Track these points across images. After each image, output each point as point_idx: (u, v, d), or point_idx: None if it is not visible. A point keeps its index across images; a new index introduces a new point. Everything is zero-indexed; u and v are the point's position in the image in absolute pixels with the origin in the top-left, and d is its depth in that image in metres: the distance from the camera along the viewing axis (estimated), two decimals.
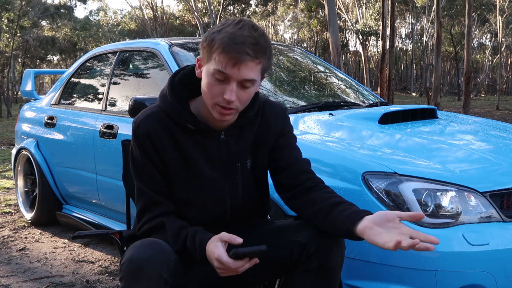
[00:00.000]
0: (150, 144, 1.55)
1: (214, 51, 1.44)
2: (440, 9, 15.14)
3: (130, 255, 1.40)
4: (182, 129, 1.56)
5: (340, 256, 1.55)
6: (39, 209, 3.95)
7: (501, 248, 1.80)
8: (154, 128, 1.55)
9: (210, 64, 1.45)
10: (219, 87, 1.45)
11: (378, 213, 1.43)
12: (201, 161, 1.57)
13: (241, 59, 1.41)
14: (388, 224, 1.39)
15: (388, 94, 12.06)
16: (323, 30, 34.05)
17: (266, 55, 1.47)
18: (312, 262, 1.53)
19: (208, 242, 1.45)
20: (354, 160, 2.01)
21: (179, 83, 1.60)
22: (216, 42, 1.43)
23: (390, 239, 1.32)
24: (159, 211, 1.57)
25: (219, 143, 1.59)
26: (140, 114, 1.59)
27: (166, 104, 1.56)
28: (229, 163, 1.61)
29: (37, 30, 31.22)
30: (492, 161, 2.13)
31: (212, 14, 23.42)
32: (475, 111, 17.98)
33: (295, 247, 1.55)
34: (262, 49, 1.45)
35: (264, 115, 1.66)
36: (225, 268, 1.41)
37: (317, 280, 1.53)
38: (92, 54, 3.93)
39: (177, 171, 1.58)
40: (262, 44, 1.45)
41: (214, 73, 1.45)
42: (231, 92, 1.44)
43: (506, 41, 32.57)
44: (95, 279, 2.95)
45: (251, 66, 1.44)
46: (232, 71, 1.42)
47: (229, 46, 1.41)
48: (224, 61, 1.42)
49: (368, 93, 3.53)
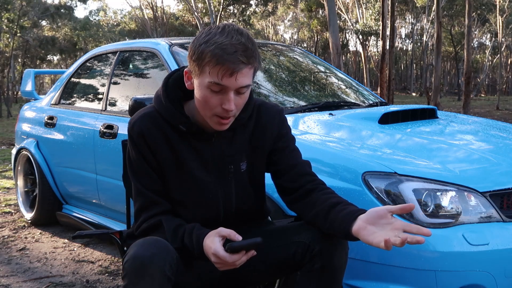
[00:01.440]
0: (145, 144, 1.56)
1: (206, 64, 1.42)
2: (440, 9, 15.14)
3: (133, 253, 1.40)
4: (175, 131, 1.57)
5: (343, 256, 1.55)
6: (39, 209, 3.95)
7: (501, 248, 1.80)
8: (148, 128, 1.56)
9: (204, 77, 1.44)
10: (216, 97, 1.45)
11: (370, 210, 1.42)
12: (194, 163, 1.58)
13: (237, 68, 1.41)
14: (381, 221, 1.38)
15: (388, 94, 12.06)
16: (323, 30, 34.05)
17: (256, 58, 1.47)
18: (316, 263, 1.53)
19: (205, 237, 1.46)
20: (354, 160, 2.01)
21: (174, 84, 1.60)
22: (207, 54, 1.41)
23: (384, 238, 1.32)
24: (156, 210, 1.58)
25: (212, 146, 1.59)
26: (135, 115, 1.61)
27: (160, 105, 1.57)
28: (221, 166, 1.61)
29: (37, 30, 31.21)
30: (492, 161, 2.13)
31: (212, 14, 23.42)
32: (475, 111, 17.98)
33: (299, 248, 1.55)
34: (252, 53, 1.44)
35: (260, 118, 1.66)
36: (223, 262, 1.42)
37: (320, 280, 1.53)
38: (92, 54, 3.93)
39: (171, 172, 1.59)
40: (251, 47, 1.44)
41: (209, 86, 1.44)
42: (230, 101, 1.44)
43: (506, 41, 32.57)
44: (95, 279, 2.95)
45: (245, 72, 1.44)
46: (229, 81, 1.42)
47: (223, 58, 1.40)
48: (220, 73, 1.41)
49: (368, 93, 3.53)
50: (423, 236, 1.31)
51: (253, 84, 1.62)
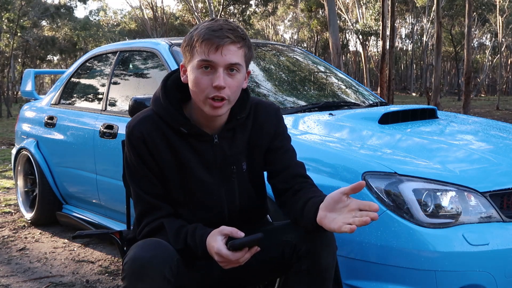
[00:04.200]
0: (145, 148, 1.55)
1: (195, 45, 1.48)
2: (440, 9, 15.14)
3: (133, 255, 1.40)
4: (176, 132, 1.56)
5: (331, 256, 1.55)
6: (39, 209, 3.95)
7: (501, 248, 1.80)
8: (148, 131, 1.55)
9: (194, 59, 1.48)
10: (207, 78, 1.47)
11: (327, 197, 1.42)
12: (196, 164, 1.57)
13: (222, 42, 1.45)
14: (338, 206, 1.38)
15: (388, 94, 12.06)
16: (323, 30, 34.02)
17: (246, 42, 1.51)
18: (303, 263, 1.53)
19: (208, 236, 1.46)
20: (354, 160, 2.01)
21: (172, 85, 1.60)
22: (195, 36, 1.48)
23: (343, 223, 1.32)
24: (158, 214, 1.57)
25: (213, 147, 1.59)
26: (133, 119, 1.59)
27: (159, 107, 1.57)
28: (224, 167, 1.61)
29: (37, 30, 31.21)
30: (492, 161, 2.13)
31: (212, 14, 23.41)
32: (475, 111, 17.97)
33: (286, 247, 1.55)
34: (240, 35, 1.49)
35: (257, 117, 1.66)
36: (226, 260, 1.42)
37: (309, 281, 1.54)
38: (92, 54, 3.93)
39: (172, 174, 1.58)
40: (240, 31, 1.50)
41: (199, 65, 1.47)
42: (220, 78, 1.46)
43: (506, 41, 32.56)
44: (95, 279, 2.95)
45: (233, 50, 1.47)
46: (216, 56, 1.45)
47: (208, 34, 1.46)
48: (206, 49, 1.45)
49: (368, 93, 3.53)
50: (375, 212, 1.32)
51: (249, 82, 1.62)
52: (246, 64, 1.54)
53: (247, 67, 1.57)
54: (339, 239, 1.64)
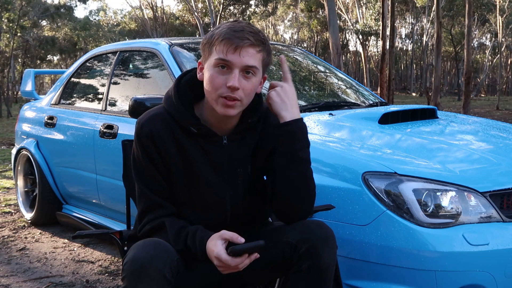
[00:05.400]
0: (153, 146, 1.55)
1: (214, 43, 1.48)
2: (440, 9, 15.14)
3: (133, 255, 1.40)
4: (185, 132, 1.56)
5: (331, 256, 1.55)
6: (39, 209, 3.95)
7: (501, 248, 1.80)
8: (157, 129, 1.55)
9: (212, 57, 1.49)
10: (222, 77, 1.48)
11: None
12: (203, 165, 1.57)
13: (241, 43, 1.45)
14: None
15: (388, 94, 12.06)
16: (323, 30, 34.03)
17: (265, 47, 1.51)
18: (303, 263, 1.53)
19: (208, 240, 1.46)
20: (354, 160, 2.01)
21: (185, 85, 1.60)
22: (216, 35, 1.48)
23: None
24: (160, 213, 1.57)
25: (222, 148, 1.59)
26: (144, 115, 1.59)
27: (171, 105, 1.57)
28: (230, 168, 1.61)
29: (37, 30, 31.19)
30: (492, 161, 2.13)
31: (212, 14, 23.40)
32: (475, 111, 17.97)
33: (286, 247, 1.55)
34: (261, 39, 1.50)
35: (267, 122, 1.67)
36: (225, 265, 1.42)
37: (309, 280, 1.53)
38: (92, 54, 3.93)
39: (179, 174, 1.57)
40: (261, 36, 1.50)
41: (216, 63, 1.48)
42: (234, 78, 1.46)
43: (506, 41, 32.56)
44: (95, 279, 2.95)
45: (251, 52, 1.47)
46: (234, 57, 1.45)
47: (229, 34, 1.46)
48: (225, 48, 1.46)
49: (368, 93, 3.53)
50: None
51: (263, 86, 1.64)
52: (263, 69, 1.54)
53: (264, 72, 1.57)
54: (339, 239, 1.64)
